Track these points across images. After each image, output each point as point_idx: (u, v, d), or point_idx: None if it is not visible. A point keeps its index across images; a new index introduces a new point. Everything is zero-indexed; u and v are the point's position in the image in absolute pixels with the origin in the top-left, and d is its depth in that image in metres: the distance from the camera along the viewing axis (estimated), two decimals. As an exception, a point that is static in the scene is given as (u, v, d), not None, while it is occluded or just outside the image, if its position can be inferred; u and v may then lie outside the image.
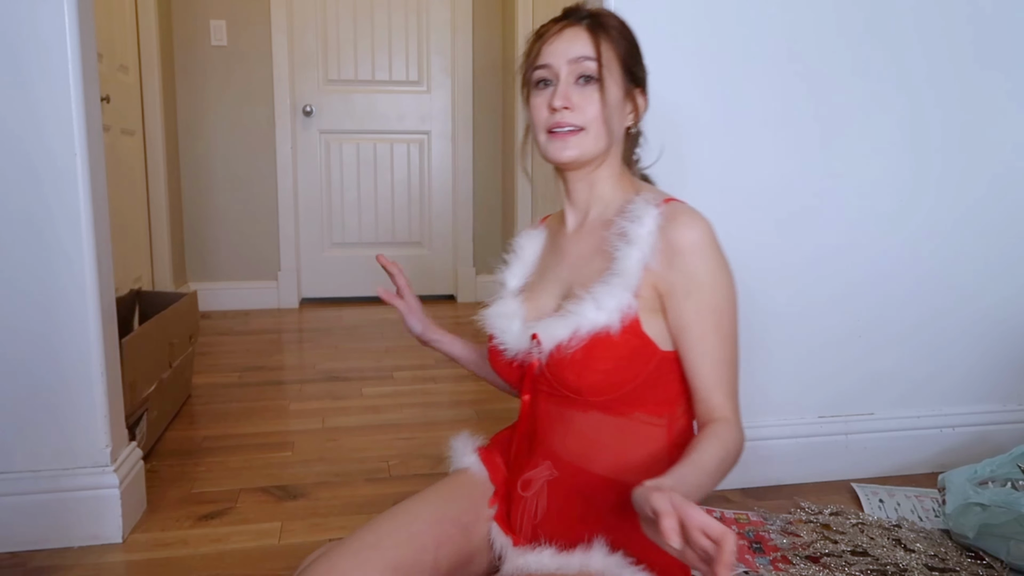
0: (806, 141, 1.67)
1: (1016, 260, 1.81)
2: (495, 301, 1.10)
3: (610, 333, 0.93)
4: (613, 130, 1.01)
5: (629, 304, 0.93)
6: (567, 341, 0.94)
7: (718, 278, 0.94)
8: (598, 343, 0.93)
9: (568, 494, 1.00)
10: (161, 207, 3.42)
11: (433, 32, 3.94)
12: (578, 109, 0.99)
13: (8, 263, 1.40)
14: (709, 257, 0.94)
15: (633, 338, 0.94)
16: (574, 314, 0.95)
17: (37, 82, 1.37)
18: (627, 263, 0.94)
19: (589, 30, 1.00)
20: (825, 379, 1.76)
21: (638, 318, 0.94)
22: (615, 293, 0.93)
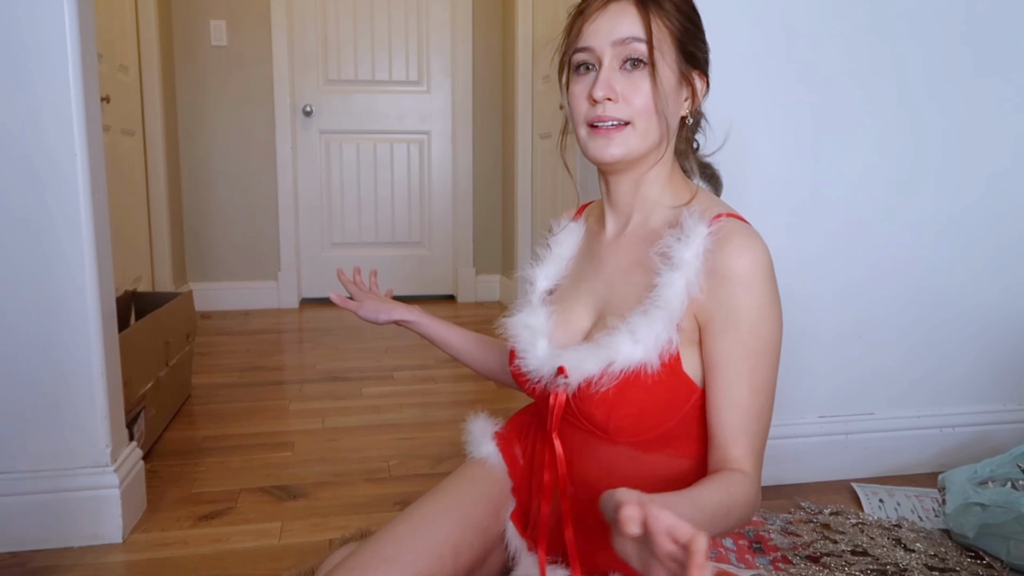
0: (804, 141, 1.67)
1: (1016, 259, 1.81)
2: (521, 307, 0.98)
3: (646, 371, 0.82)
4: (665, 123, 0.88)
5: (670, 339, 0.82)
6: (598, 378, 0.84)
7: (763, 317, 0.81)
8: (632, 382, 0.83)
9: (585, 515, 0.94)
10: (161, 207, 3.42)
11: (433, 32, 3.94)
12: (624, 100, 0.86)
13: (8, 263, 1.40)
14: (756, 292, 0.81)
15: (671, 377, 0.83)
16: (607, 347, 0.83)
17: (37, 82, 1.37)
18: (670, 291, 0.82)
19: (638, 4, 0.86)
20: (825, 379, 1.76)
21: (679, 355, 0.83)
22: (655, 327, 0.82)
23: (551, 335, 0.94)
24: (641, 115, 0.86)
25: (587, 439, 0.92)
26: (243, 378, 2.63)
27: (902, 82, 1.69)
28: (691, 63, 0.90)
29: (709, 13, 1.57)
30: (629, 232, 0.93)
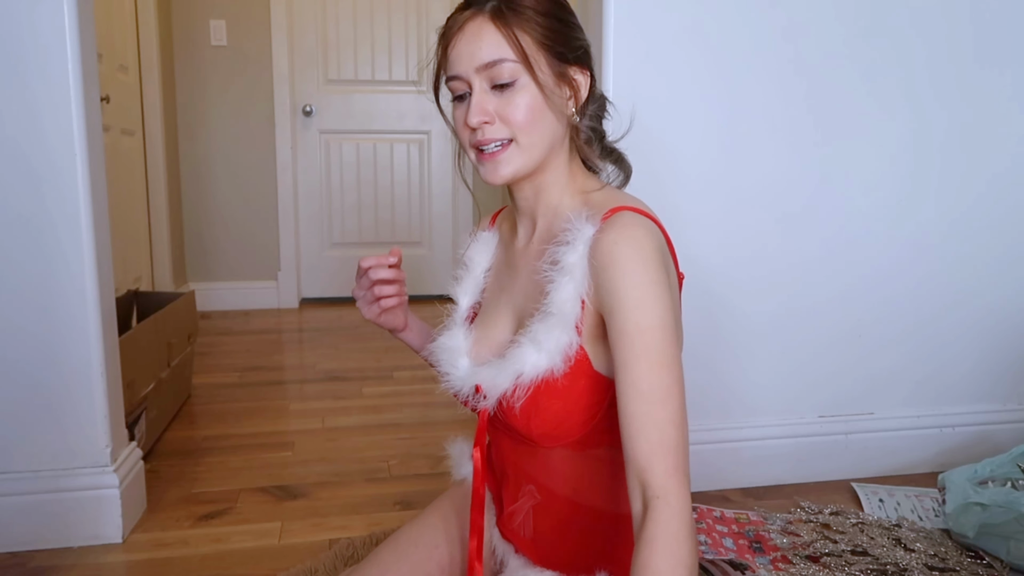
0: (806, 141, 1.67)
1: (1016, 260, 1.81)
2: (444, 329, 0.98)
3: (554, 376, 0.82)
4: (550, 129, 0.86)
5: (570, 343, 0.81)
6: (511, 391, 0.84)
7: (646, 295, 0.77)
8: (544, 390, 0.83)
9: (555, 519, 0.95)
10: (161, 207, 3.42)
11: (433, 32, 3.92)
12: (501, 119, 0.84)
13: (8, 263, 1.40)
14: (633, 271, 0.78)
15: (582, 378, 0.83)
16: (514, 360, 0.83)
17: (37, 82, 1.37)
18: (560, 296, 0.82)
19: (494, 19, 0.82)
20: (825, 379, 1.76)
21: (585, 353, 0.83)
22: (553, 332, 0.81)
23: (472, 353, 0.94)
24: (522, 130, 0.84)
25: (525, 447, 0.92)
26: (243, 378, 2.63)
27: (905, 84, 1.69)
28: (565, 61, 0.86)
29: (708, 12, 1.58)
30: (536, 239, 0.93)
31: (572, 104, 0.88)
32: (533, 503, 0.95)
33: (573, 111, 0.88)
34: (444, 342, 0.95)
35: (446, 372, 0.93)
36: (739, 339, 1.71)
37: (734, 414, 1.73)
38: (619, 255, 0.79)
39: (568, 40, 0.86)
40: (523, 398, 0.83)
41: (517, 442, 0.93)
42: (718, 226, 1.66)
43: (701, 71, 1.61)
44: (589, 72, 0.89)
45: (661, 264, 0.80)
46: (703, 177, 1.64)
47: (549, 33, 0.84)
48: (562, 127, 0.88)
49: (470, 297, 1.00)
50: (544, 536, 0.95)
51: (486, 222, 1.08)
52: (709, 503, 1.64)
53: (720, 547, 1.44)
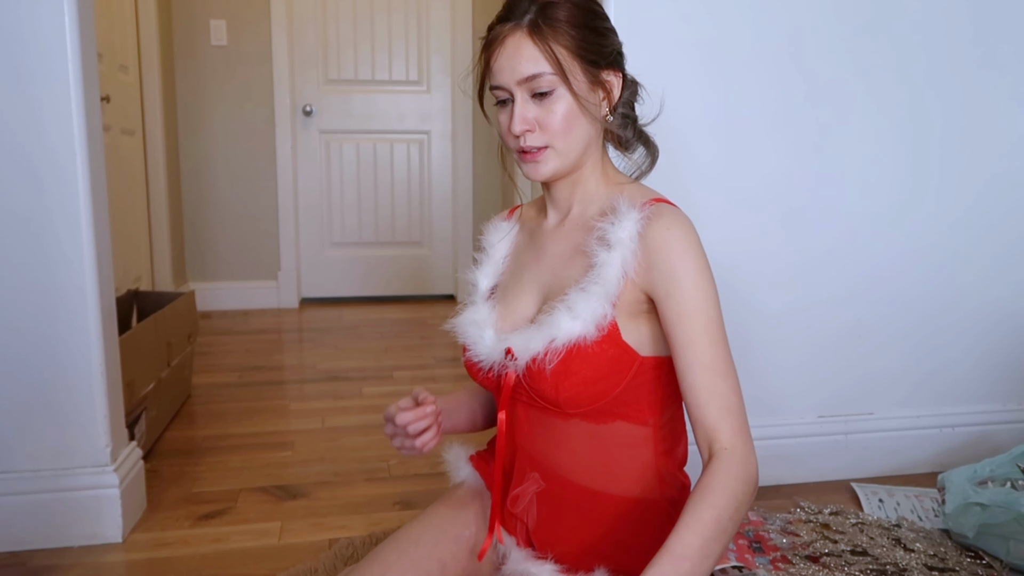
0: (806, 141, 1.67)
1: (1016, 260, 1.81)
2: (466, 306, 1.02)
3: (586, 342, 0.88)
4: (584, 132, 0.93)
5: (605, 314, 0.88)
6: (542, 354, 0.89)
7: (700, 279, 0.87)
8: (575, 354, 0.88)
9: (558, 505, 0.97)
10: (161, 207, 3.42)
11: (433, 32, 3.94)
12: (541, 127, 0.91)
13: (8, 263, 1.40)
14: (691, 258, 0.87)
15: (611, 347, 0.89)
16: (548, 325, 0.89)
17: (37, 82, 1.37)
18: (607, 270, 0.88)
19: (531, 34, 0.89)
20: (825, 379, 1.76)
21: (616, 325, 0.89)
22: (591, 302, 0.88)
23: (496, 326, 0.99)
24: (558, 136, 0.91)
25: (543, 419, 0.96)
26: (243, 378, 2.63)
27: (905, 83, 1.69)
28: (598, 67, 0.92)
29: (708, 12, 1.58)
30: (568, 222, 0.99)
31: (606, 104, 0.94)
32: (538, 489, 0.98)
33: (607, 111, 0.95)
34: (470, 315, 1.00)
35: (473, 343, 0.98)
36: (739, 339, 1.70)
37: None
38: (675, 241, 0.87)
39: (600, 48, 0.92)
40: (555, 361, 0.88)
41: (534, 415, 0.97)
42: (717, 226, 1.66)
43: (701, 70, 1.61)
44: (621, 73, 0.95)
45: (703, 251, 0.89)
46: (703, 176, 1.64)
47: (583, 43, 0.90)
48: (596, 128, 0.95)
49: (490, 279, 1.05)
50: (546, 523, 0.98)
51: (503, 215, 1.13)
52: (709, 503, 1.64)
53: (720, 547, 1.44)
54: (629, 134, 0.99)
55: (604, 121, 0.95)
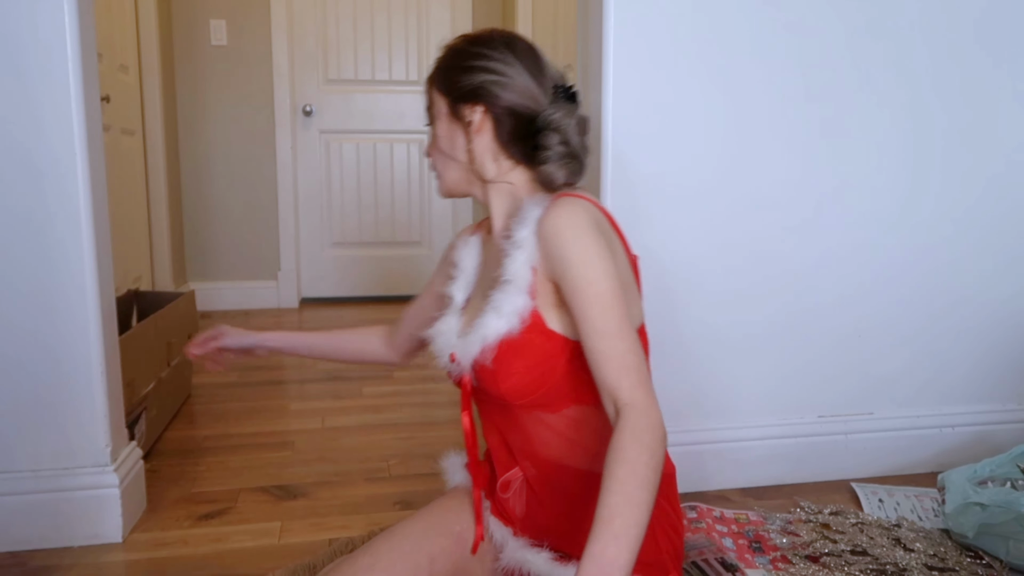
0: (809, 144, 1.67)
1: (1016, 260, 1.81)
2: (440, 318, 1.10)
3: (513, 336, 0.94)
4: (454, 159, 1.05)
5: (524, 305, 0.94)
6: (480, 354, 0.97)
7: (588, 254, 0.91)
8: (505, 349, 0.95)
9: (546, 488, 1.02)
10: (161, 207, 3.42)
11: (433, 32, 3.94)
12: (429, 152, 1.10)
13: (8, 263, 1.40)
14: (576, 237, 0.91)
15: (538, 336, 0.95)
16: (479, 327, 0.97)
17: (37, 82, 1.37)
18: (514, 266, 0.95)
19: (427, 81, 1.08)
20: (825, 379, 1.77)
21: (540, 315, 0.95)
22: (510, 297, 0.95)
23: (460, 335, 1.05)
24: (436, 160, 1.09)
25: (510, 414, 1.03)
26: (243, 378, 2.63)
27: (906, 85, 1.69)
28: (458, 101, 1.03)
29: (709, 14, 1.58)
30: (496, 234, 1.08)
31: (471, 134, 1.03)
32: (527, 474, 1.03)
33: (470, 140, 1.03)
34: (438, 327, 1.08)
35: (439, 353, 1.07)
36: (739, 339, 1.71)
37: (734, 414, 1.73)
38: (563, 226, 0.92)
39: (460, 88, 1.02)
40: (489, 359, 0.96)
41: (501, 412, 1.03)
42: (720, 228, 1.66)
43: (703, 75, 1.61)
44: (483, 107, 1.01)
45: (598, 233, 0.92)
46: (705, 178, 1.64)
47: (445, 80, 1.04)
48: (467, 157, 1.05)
49: (463, 293, 1.11)
50: (536, 509, 1.02)
51: (471, 227, 1.21)
52: (709, 503, 1.64)
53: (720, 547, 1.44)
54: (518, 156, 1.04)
55: (469, 148, 1.04)
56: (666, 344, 1.67)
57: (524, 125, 1.01)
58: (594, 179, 1.63)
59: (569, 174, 1.01)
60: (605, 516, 0.76)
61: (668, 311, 1.66)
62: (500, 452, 1.07)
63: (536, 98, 1.00)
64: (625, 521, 0.75)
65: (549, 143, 0.99)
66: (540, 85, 1.01)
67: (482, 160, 1.04)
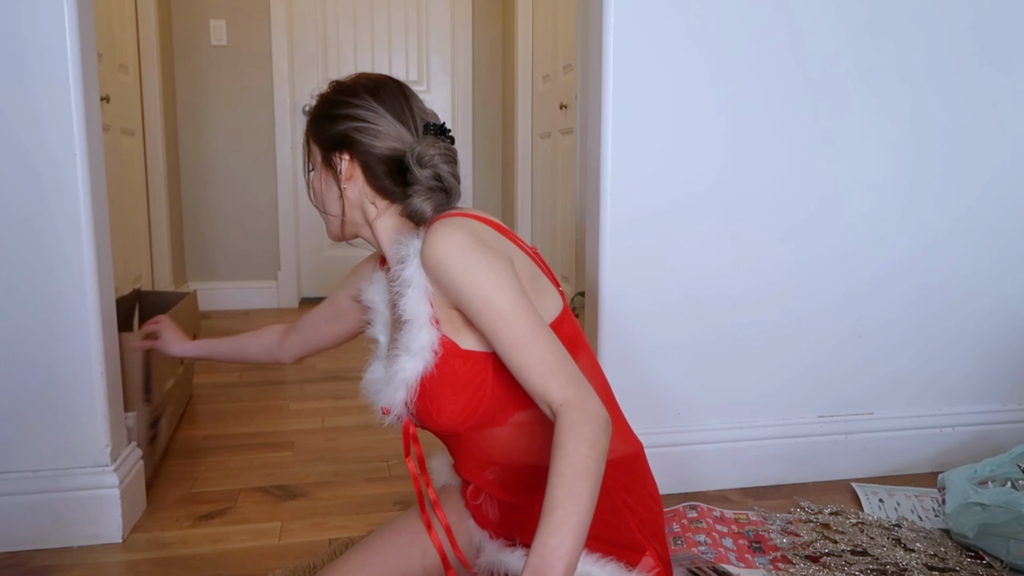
0: (809, 145, 1.67)
1: (1016, 260, 1.81)
2: (368, 365, 1.10)
3: (433, 370, 0.95)
4: (330, 205, 1.06)
5: (431, 338, 0.95)
6: (408, 399, 0.97)
7: (476, 276, 0.91)
8: (430, 385, 0.96)
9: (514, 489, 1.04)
10: (161, 207, 3.42)
11: (433, 32, 3.94)
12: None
13: (8, 263, 1.40)
14: (458, 262, 0.91)
15: (456, 360, 0.95)
16: (396, 371, 0.97)
17: (37, 82, 1.37)
18: (410, 304, 0.95)
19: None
20: (825, 379, 1.77)
21: (451, 341, 0.96)
22: (415, 335, 0.95)
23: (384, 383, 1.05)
24: (317, 205, 1.10)
25: (458, 438, 1.03)
26: (243, 378, 2.63)
27: (906, 85, 1.69)
28: (331, 150, 1.04)
29: (709, 14, 1.58)
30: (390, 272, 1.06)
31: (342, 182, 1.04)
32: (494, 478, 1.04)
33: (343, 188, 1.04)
34: (367, 376, 1.09)
35: (373, 404, 1.06)
36: (740, 339, 1.71)
37: (734, 414, 1.73)
38: (440, 254, 0.92)
39: (324, 132, 1.05)
40: (415, 399, 0.97)
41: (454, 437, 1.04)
42: (721, 228, 1.66)
43: (704, 75, 1.61)
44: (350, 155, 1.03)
45: (476, 245, 0.92)
46: (705, 179, 1.64)
47: (315, 130, 1.06)
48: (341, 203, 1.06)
49: (386, 334, 1.11)
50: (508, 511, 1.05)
51: (374, 263, 1.21)
52: (709, 503, 1.64)
53: (720, 547, 1.44)
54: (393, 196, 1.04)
55: (341, 195, 1.05)
56: (667, 345, 1.67)
57: (393, 166, 1.02)
58: (594, 179, 1.63)
59: (436, 206, 1.00)
60: (547, 510, 0.79)
61: (669, 312, 1.66)
62: (463, 463, 1.07)
63: (402, 139, 1.01)
64: (566, 511, 0.78)
65: (414, 178, 0.99)
66: (406, 125, 1.02)
67: (359, 204, 1.05)
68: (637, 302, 1.65)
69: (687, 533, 1.49)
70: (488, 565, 1.03)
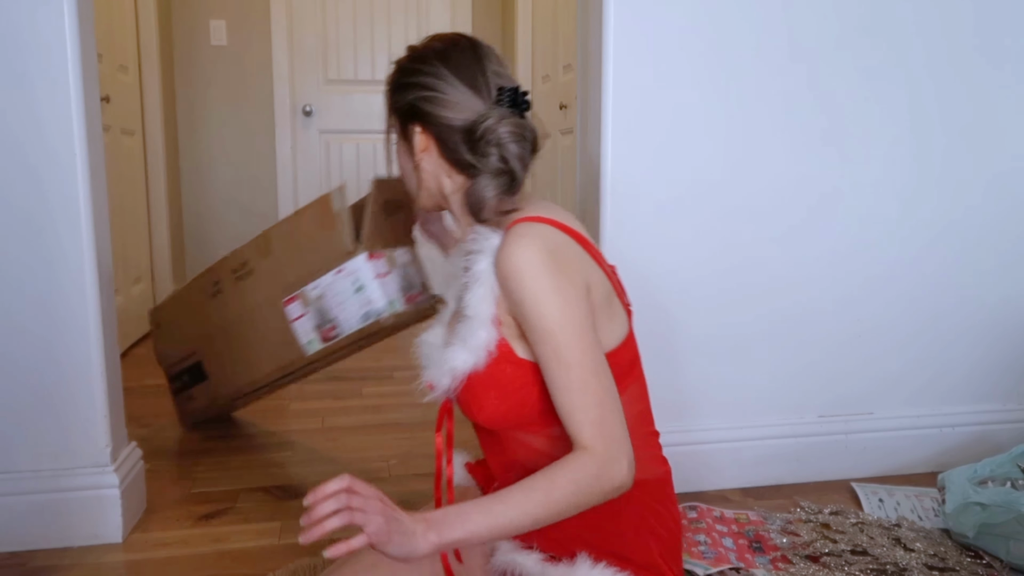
0: (809, 144, 1.67)
1: (1016, 260, 1.81)
2: (431, 327, 1.08)
3: (482, 369, 0.93)
4: (408, 177, 1.04)
5: (489, 338, 0.92)
6: (451, 385, 0.96)
7: (541, 301, 0.87)
8: (476, 382, 0.94)
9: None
10: (161, 207, 3.42)
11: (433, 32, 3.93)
12: None
13: (8, 263, 1.40)
14: (529, 283, 0.88)
15: (508, 365, 0.93)
16: (448, 359, 0.95)
17: (37, 82, 1.37)
18: (475, 300, 0.93)
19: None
20: (825, 379, 1.76)
21: (508, 344, 0.93)
22: (474, 331, 0.93)
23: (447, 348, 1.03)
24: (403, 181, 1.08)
25: (491, 434, 1.03)
26: (243, 378, 2.63)
27: (906, 84, 1.69)
28: (406, 121, 1.01)
29: (710, 13, 1.58)
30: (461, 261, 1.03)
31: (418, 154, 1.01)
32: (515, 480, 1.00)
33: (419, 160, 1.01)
34: (426, 337, 1.06)
35: (425, 367, 1.04)
36: (740, 339, 1.71)
37: (734, 414, 1.73)
38: (513, 268, 0.88)
39: (397, 102, 1.02)
40: (459, 390, 0.95)
41: (487, 432, 1.03)
42: (720, 228, 1.66)
43: (703, 74, 1.61)
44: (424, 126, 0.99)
45: (552, 268, 0.88)
46: (705, 178, 1.64)
47: (390, 100, 1.03)
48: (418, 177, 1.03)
49: (456, 301, 1.08)
50: None
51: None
52: (709, 503, 1.64)
53: (720, 547, 1.44)
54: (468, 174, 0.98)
55: (417, 168, 1.02)
56: (667, 345, 1.67)
57: (467, 137, 0.95)
58: (594, 179, 1.63)
59: (500, 193, 0.95)
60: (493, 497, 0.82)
61: (669, 312, 1.66)
62: (492, 456, 1.07)
63: (474, 108, 0.95)
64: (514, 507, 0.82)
65: (480, 155, 0.94)
66: (478, 92, 0.96)
67: (435, 178, 1.01)
68: (636, 302, 1.64)
69: (687, 533, 1.49)
70: (502, 565, 1.01)
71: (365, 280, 1.53)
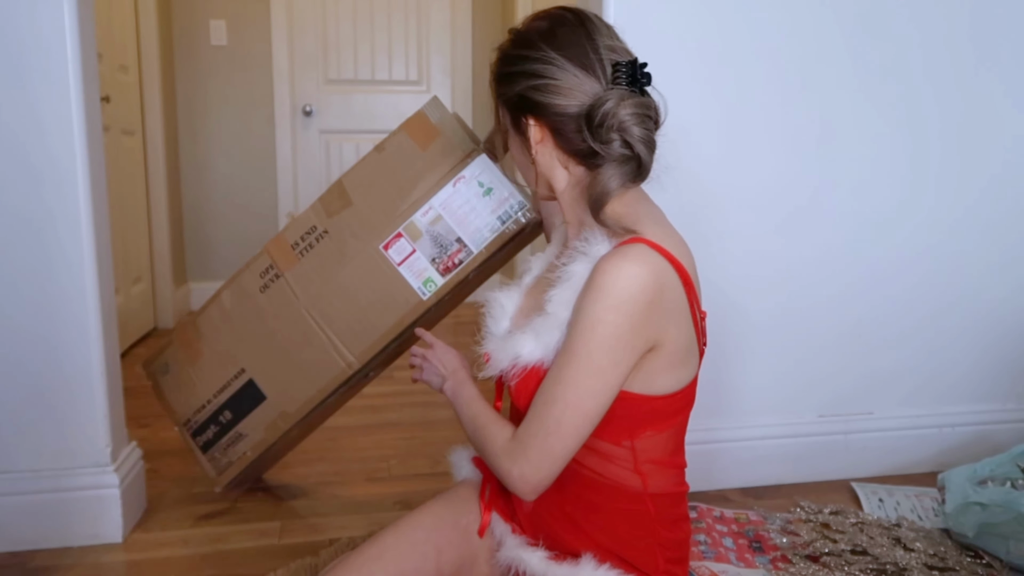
0: (805, 141, 1.67)
1: (1015, 259, 1.81)
2: (506, 287, 1.04)
3: (544, 367, 0.90)
4: (529, 169, 0.98)
5: (561, 342, 0.89)
6: (508, 369, 0.93)
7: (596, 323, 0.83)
8: (534, 376, 0.91)
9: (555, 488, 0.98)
10: (161, 207, 3.42)
11: (433, 32, 3.94)
12: None
13: (8, 263, 1.40)
14: (601, 307, 0.83)
15: None
16: (515, 344, 0.92)
17: (37, 82, 1.37)
18: (556, 300, 0.90)
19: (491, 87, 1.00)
20: (824, 379, 1.77)
21: None
22: (550, 329, 0.90)
23: (515, 316, 1.02)
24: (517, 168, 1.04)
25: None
26: (243, 378, 2.62)
27: (903, 84, 1.69)
28: (516, 113, 0.95)
29: (708, 13, 1.58)
30: (569, 241, 1.00)
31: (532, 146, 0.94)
32: None
33: (534, 153, 0.95)
34: (499, 296, 1.03)
35: (488, 327, 1.01)
36: (739, 339, 1.71)
37: (734, 414, 1.73)
38: (600, 282, 0.84)
39: (504, 93, 0.95)
40: (516, 379, 0.93)
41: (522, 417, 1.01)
42: (717, 225, 1.66)
43: (700, 73, 1.61)
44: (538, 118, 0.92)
45: (635, 312, 0.83)
46: (701, 175, 1.64)
47: (497, 91, 0.97)
48: (527, 170, 0.99)
49: (539, 268, 1.06)
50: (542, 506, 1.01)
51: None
52: (709, 503, 1.64)
53: (720, 547, 1.44)
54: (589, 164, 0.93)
55: (533, 160, 0.96)
56: (666, 344, 1.67)
57: (585, 125, 0.88)
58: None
59: (626, 179, 0.89)
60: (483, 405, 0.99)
61: (668, 311, 1.66)
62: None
63: (589, 90, 0.87)
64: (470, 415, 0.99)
65: (601, 142, 0.88)
66: (592, 72, 0.88)
67: (551, 170, 0.95)
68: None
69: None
70: (507, 561, 1.00)
71: (493, 180, 1.35)
